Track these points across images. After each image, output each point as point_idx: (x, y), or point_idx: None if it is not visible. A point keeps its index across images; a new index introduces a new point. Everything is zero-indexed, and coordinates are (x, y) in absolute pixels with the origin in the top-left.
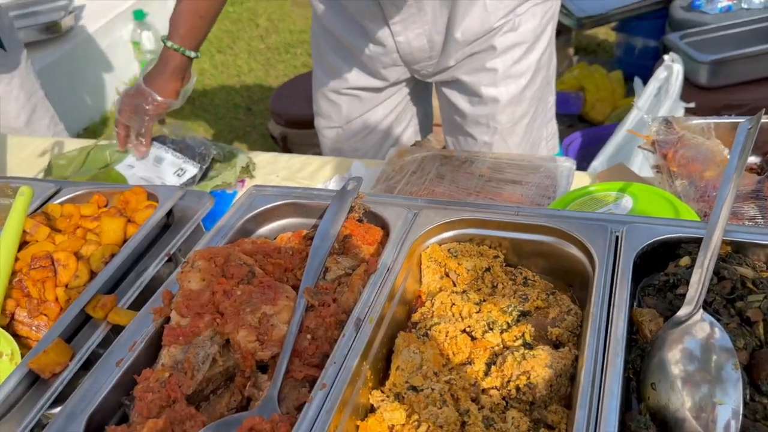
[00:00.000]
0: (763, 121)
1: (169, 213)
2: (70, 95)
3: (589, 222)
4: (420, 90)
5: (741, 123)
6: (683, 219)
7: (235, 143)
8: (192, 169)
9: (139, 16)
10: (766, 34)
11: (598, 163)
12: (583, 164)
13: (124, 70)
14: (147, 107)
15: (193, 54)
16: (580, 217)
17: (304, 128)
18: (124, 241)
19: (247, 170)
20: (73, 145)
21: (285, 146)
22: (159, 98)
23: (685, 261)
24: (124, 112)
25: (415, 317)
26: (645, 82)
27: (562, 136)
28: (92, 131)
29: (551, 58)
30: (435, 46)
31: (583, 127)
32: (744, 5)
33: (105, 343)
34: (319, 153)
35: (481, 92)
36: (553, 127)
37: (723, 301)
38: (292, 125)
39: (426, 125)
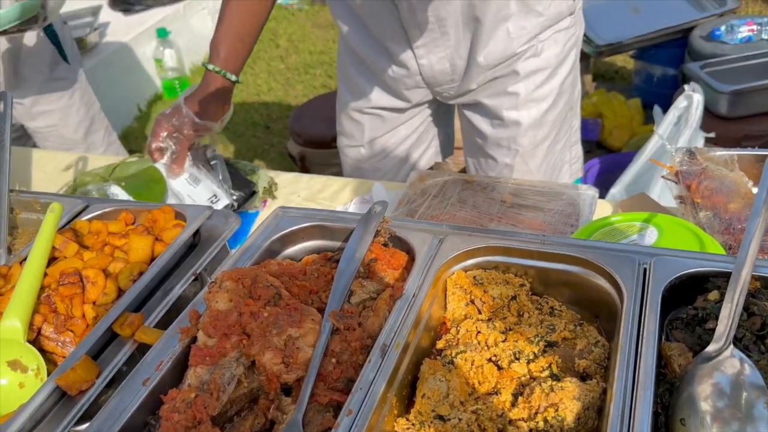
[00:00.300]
0: None
1: (196, 232)
2: None
3: (617, 253)
4: (442, 112)
5: None
6: (710, 252)
7: (254, 161)
8: (225, 200)
9: (162, 34)
10: None
11: (617, 190)
12: (601, 190)
13: (146, 87)
14: (185, 129)
15: (234, 77)
16: (607, 248)
17: (323, 148)
18: (152, 259)
19: (270, 191)
20: (97, 160)
21: (303, 166)
22: (198, 120)
23: (713, 295)
24: (158, 133)
25: (440, 344)
26: (664, 110)
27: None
28: None
29: (575, 83)
30: (457, 70)
31: (601, 153)
32: (764, 36)
33: (131, 361)
34: (338, 173)
35: (502, 115)
36: (577, 150)
37: (753, 338)
38: (311, 145)
39: (447, 147)
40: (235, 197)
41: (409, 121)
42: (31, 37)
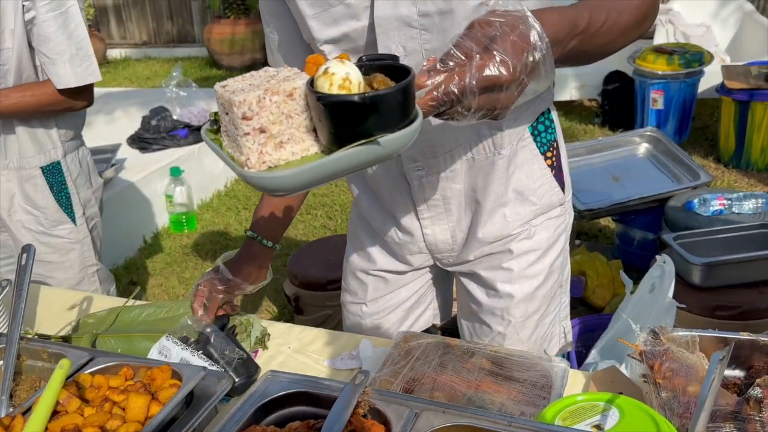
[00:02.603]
0: (747, 337)
1: (190, 392)
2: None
3: None
4: (441, 278)
5: (713, 354)
6: None
7: (249, 295)
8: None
9: (175, 172)
10: (756, 240)
11: (596, 351)
12: (583, 350)
13: (154, 220)
14: (219, 285)
15: (270, 244)
16: None
17: (317, 290)
18: (148, 417)
19: (262, 341)
20: (101, 302)
21: (297, 305)
22: (231, 277)
23: None
24: (199, 294)
25: None
26: (645, 270)
27: None
28: (114, 273)
29: (564, 264)
30: (457, 242)
31: (585, 310)
32: (734, 210)
33: None
34: (330, 315)
35: (497, 287)
36: (568, 324)
37: None
38: (306, 287)
39: (445, 310)
40: (236, 382)
41: (410, 283)
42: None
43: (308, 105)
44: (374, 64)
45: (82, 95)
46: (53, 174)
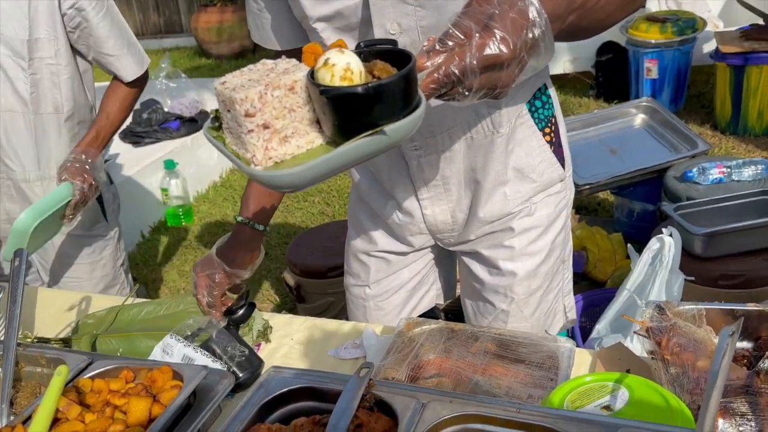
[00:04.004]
0: (754, 308)
1: (192, 392)
2: None
3: (586, 424)
4: (443, 257)
5: (723, 329)
6: (673, 425)
7: (250, 285)
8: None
9: (169, 165)
10: (757, 207)
11: (602, 326)
12: (587, 324)
13: (150, 214)
14: (216, 277)
15: (261, 227)
16: (578, 419)
17: (318, 278)
18: (150, 419)
19: (264, 334)
20: (100, 301)
21: (298, 294)
22: (228, 268)
23: None
24: (200, 287)
25: None
26: (644, 243)
27: None
28: None
29: (566, 240)
30: (458, 222)
31: (587, 285)
32: (734, 177)
33: None
34: (332, 303)
35: (499, 265)
36: (570, 300)
37: None
38: (306, 275)
39: (448, 290)
40: (240, 378)
41: (412, 264)
42: None
43: (310, 97)
44: (373, 50)
45: (142, 79)
46: None
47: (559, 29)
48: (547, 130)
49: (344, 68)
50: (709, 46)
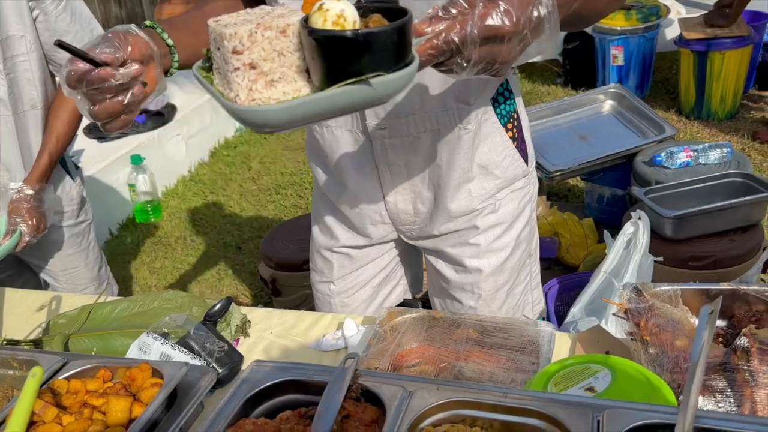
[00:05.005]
0: (727, 287)
1: (173, 389)
2: None
3: (573, 406)
4: (409, 253)
5: (702, 308)
6: (658, 404)
7: (225, 280)
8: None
9: (136, 160)
10: (724, 189)
11: (577, 309)
12: (562, 308)
13: (118, 211)
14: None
15: (171, 42)
16: (564, 401)
17: (294, 271)
18: (130, 420)
19: (243, 329)
20: (71, 300)
21: (274, 288)
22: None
23: None
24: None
25: None
26: (615, 227)
27: (541, 278)
28: None
29: (532, 233)
30: (420, 214)
31: (560, 270)
32: (701, 161)
33: None
34: (309, 295)
35: (465, 263)
36: (539, 293)
37: None
38: (281, 268)
39: (416, 285)
40: (220, 374)
41: (377, 259)
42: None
43: (302, 44)
44: (373, 6)
45: None
46: (64, 164)
47: (564, 15)
48: (510, 125)
49: (337, 14)
50: (673, 33)
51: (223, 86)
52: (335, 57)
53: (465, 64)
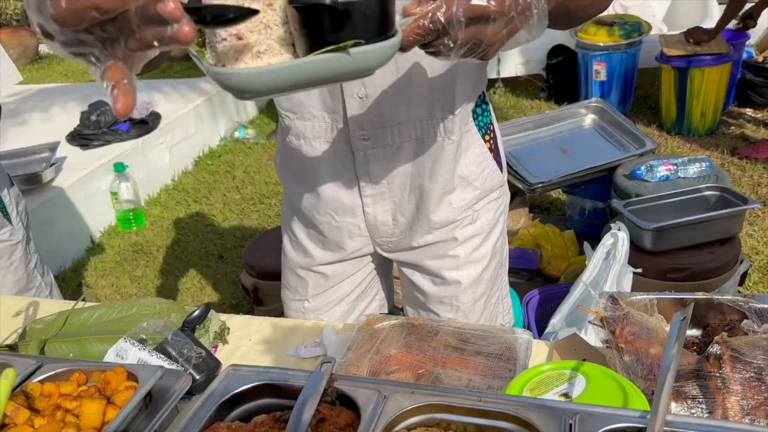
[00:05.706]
0: (702, 296)
1: (148, 393)
2: (44, 242)
3: (545, 410)
4: (384, 267)
5: (675, 315)
6: (630, 408)
7: (206, 289)
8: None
9: (119, 168)
10: (702, 202)
11: (557, 320)
12: (544, 319)
13: (100, 219)
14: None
15: None
16: (537, 405)
17: (276, 280)
18: (104, 422)
19: (221, 336)
20: (48, 306)
21: (256, 296)
22: None
23: None
24: None
25: None
26: (596, 238)
27: (523, 289)
28: (61, 278)
29: (504, 244)
30: (399, 226)
31: (542, 281)
32: (680, 174)
33: None
34: None
35: (444, 275)
36: (508, 302)
37: None
38: (263, 277)
39: (390, 298)
40: (197, 380)
41: (352, 276)
42: None
43: (288, 17)
44: None
45: None
46: None
47: (553, 6)
48: (487, 137)
49: None
50: (654, 49)
51: (213, 59)
52: (315, 26)
53: (452, 45)
